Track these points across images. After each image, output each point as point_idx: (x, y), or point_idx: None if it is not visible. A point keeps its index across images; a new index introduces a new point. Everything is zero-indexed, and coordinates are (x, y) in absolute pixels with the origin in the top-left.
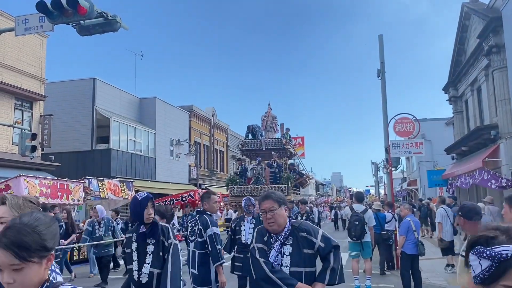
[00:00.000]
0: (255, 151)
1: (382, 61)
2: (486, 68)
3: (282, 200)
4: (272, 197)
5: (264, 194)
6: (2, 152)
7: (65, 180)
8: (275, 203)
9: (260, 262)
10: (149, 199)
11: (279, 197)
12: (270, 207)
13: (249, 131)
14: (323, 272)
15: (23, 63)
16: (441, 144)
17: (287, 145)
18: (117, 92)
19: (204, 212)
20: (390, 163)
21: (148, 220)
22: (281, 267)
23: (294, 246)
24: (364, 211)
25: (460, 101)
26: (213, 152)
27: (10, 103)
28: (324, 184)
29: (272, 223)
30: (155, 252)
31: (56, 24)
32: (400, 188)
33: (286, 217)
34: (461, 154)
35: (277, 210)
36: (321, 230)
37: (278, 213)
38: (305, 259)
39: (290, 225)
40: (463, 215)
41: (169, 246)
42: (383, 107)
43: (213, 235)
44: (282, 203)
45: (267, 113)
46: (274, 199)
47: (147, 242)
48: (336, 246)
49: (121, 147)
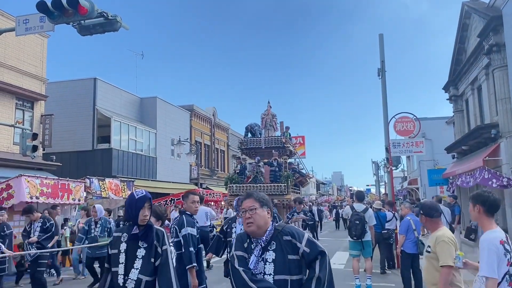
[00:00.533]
0: (255, 149)
1: (383, 60)
2: (486, 67)
3: (265, 201)
4: (253, 196)
5: (246, 193)
6: (3, 152)
7: (66, 180)
8: (256, 202)
9: (239, 272)
10: (146, 199)
11: (261, 197)
12: (250, 206)
13: (247, 131)
14: (308, 282)
15: (24, 63)
16: (441, 143)
17: (287, 144)
18: (118, 91)
19: (184, 212)
20: (390, 162)
21: (143, 221)
22: (264, 275)
23: (277, 251)
24: (365, 210)
25: (460, 100)
26: (214, 152)
27: (11, 103)
28: (325, 183)
29: (251, 224)
30: (146, 257)
31: (56, 24)
32: (401, 187)
33: (267, 219)
34: (461, 153)
35: (258, 210)
36: (307, 234)
37: (259, 214)
38: (290, 266)
39: (273, 229)
40: (424, 213)
41: (162, 253)
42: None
43: (187, 235)
44: (264, 204)
45: (266, 111)
46: (256, 198)
47: (138, 245)
48: (323, 253)
49: (122, 147)
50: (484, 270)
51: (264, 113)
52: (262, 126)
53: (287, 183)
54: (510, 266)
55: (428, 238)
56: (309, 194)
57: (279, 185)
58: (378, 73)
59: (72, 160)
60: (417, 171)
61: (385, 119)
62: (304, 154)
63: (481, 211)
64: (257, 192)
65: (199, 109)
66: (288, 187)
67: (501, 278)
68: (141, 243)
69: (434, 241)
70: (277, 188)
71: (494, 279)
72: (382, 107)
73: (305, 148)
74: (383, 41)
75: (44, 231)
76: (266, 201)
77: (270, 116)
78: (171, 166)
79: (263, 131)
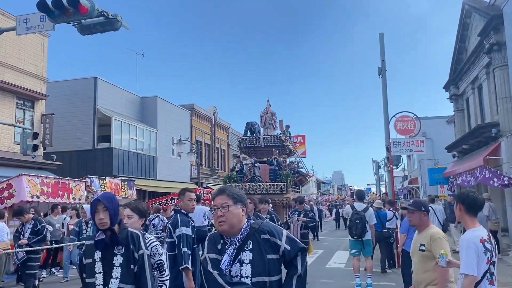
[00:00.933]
0: (254, 148)
1: (383, 59)
2: (487, 66)
3: (239, 197)
4: (226, 192)
5: (218, 188)
6: (4, 151)
7: (66, 179)
8: (230, 199)
9: (214, 276)
10: (97, 202)
11: (235, 193)
12: (222, 203)
13: (247, 128)
14: (289, 281)
15: (25, 62)
16: (442, 142)
17: (286, 142)
18: (118, 91)
19: (179, 211)
20: (391, 161)
21: (102, 226)
22: (240, 278)
23: (255, 251)
24: (365, 210)
25: (461, 99)
26: (214, 151)
27: (11, 102)
28: (325, 183)
29: (223, 222)
30: (124, 264)
31: (57, 23)
32: (401, 186)
33: (241, 218)
34: (462, 152)
35: (231, 207)
36: (285, 231)
37: (232, 211)
38: (269, 266)
39: (249, 227)
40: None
41: (138, 258)
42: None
43: (181, 236)
44: (238, 200)
45: (266, 110)
46: (229, 195)
47: (114, 252)
48: (303, 249)
49: (123, 146)
50: (463, 268)
51: (264, 111)
52: (262, 125)
53: (286, 182)
54: (490, 264)
55: (417, 236)
56: (309, 194)
57: (278, 184)
58: (378, 72)
59: (73, 159)
60: (418, 170)
61: (385, 118)
62: (305, 154)
63: (462, 210)
64: (231, 188)
65: (200, 109)
66: (287, 186)
67: (481, 276)
68: (117, 250)
69: (429, 238)
70: (276, 187)
71: (473, 277)
72: (382, 106)
73: (305, 147)
74: (384, 40)
75: (35, 233)
76: (241, 198)
77: (269, 114)
78: (171, 165)
79: (262, 129)
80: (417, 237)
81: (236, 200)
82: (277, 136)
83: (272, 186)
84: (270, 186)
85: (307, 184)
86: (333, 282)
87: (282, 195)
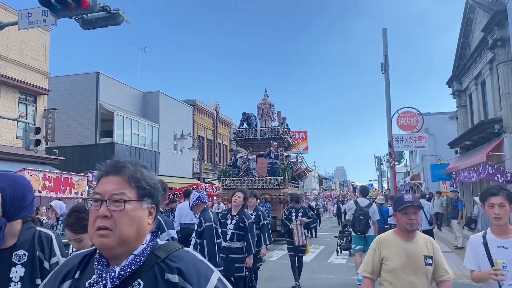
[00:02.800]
0: (250, 140)
1: (386, 55)
2: (490, 61)
3: (150, 188)
4: (124, 171)
5: (111, 163)
6: (7, 146)
7: (69, 174)
8: (129, 186)
9: None
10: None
11: (143, 179)
12: (114, 192)
13: (244, 119)
14: None
15: (27, 57)
16: (444, 138)
17: (284, 134)
18: (120, 86)
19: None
20: (393, 157)
21: None
22: None
23: None
24: (369, 206)
25: (464, 95)
26: (216, 146)
27: (14, 97)
28: (328, 178)
29: (107, 232)
30: (26, 278)
31: (59, 18)
32: (403, 182)
33: (145, 228)
34: (464, 148)
35: (129, 204)
36: (217, 274)
37: (128, 212)
38: None
39: (148, 251)
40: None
41: (50, 269)
42: (387, 101)
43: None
44: (147, 193)
45: (263, 101)
46: (130, 178)
47: (12, 262)
48: None
49: (125, 141)
50: None
51: (261, 102)
52: (259, 116)
53: (284, 176)
54: None
55: (406, 245)
56: (311, 189)
57: (275, 179)
58: (381, 68)
59: (75, 154)
60: (420, 166)
61: (388, 114)
62: (307, 149)
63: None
64: (135, 166)
65: (202, 104)
66: (285, 181)
67: None
68: (16, 257)
69: (432, 248)
70: (273, 182)
71: None
72: (385, 102)
73: (307, 143)
74: (387, 35)
75: None
76: (153, 189)
77: (267, 105)
78: (173, 160)
79: (260, 121)
80: (409, 246)
81: (143, 193)
82: (275, 128)
83: (268, 181)
84: (266, 181)
85: (306, 178)
86: (334, 278)
87: (279, 190)
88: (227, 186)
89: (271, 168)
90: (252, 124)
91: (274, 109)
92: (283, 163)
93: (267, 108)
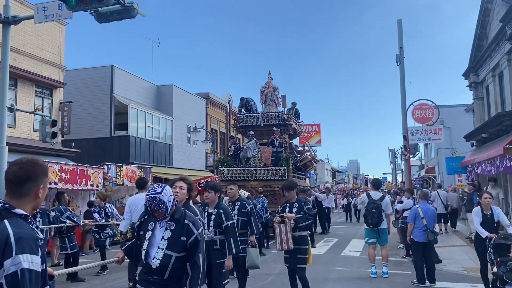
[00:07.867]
0: (252, 127)
1: (401, 46)
2: (508, 53)
3: None
4: None
5: None
6: (24, 138)
7: (85, 166)
8: None
9: None
10: None
11: None
12: None
13: (242, 105)
14: None
15: (43, 50)
16: (460, 131)
17: (289, 120)
18: (134, 79)
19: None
20: (408, 150)
21: None
22: None
23: None
24: (381, 198)
25: (480, 87)
26: (229, 139)
27: (30, 90)
28: (341, 171)
29: None
30: None
31: (74, 12)
32: (418, 176)
33: None
34: (481, 141)
35: None
36: None
37: None
38: None
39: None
40: None
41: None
42: (402, 93)
43: None
44: None
45: (267, 84)
46: None
47: None
48: None
49: (139, 134)
50: None
51: (264, 85)
52: (262, 101)
53: (287, 166)
54: None
55: None
56: (324, 182)
57: (278, 169)
58: (396, 60)
59: (91, 146)
60: (435, 159)
61: (403, 106)
62: (320, 142)
63: None
64: None
65: (215, 97)
66: (288, 171)
67: None
68: None
69: None
70: (275, 173)
71: None
72: (400, 94)
73: (321, 136)
74: (402, 26)
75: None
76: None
77: (271, 89)
78: (187, 153)
79: (263, 106)
80: None
81: None
82: (279, 113)
83: (270, 171)
84: (268, 171)
85: (313, 169)
86: (348, 270)
87: (282, 181)
88: (225, 177)
89: (276, 157)
90: (252, 110)
91: (278, 93)
92: (286, 152)
93: (271, 92)
